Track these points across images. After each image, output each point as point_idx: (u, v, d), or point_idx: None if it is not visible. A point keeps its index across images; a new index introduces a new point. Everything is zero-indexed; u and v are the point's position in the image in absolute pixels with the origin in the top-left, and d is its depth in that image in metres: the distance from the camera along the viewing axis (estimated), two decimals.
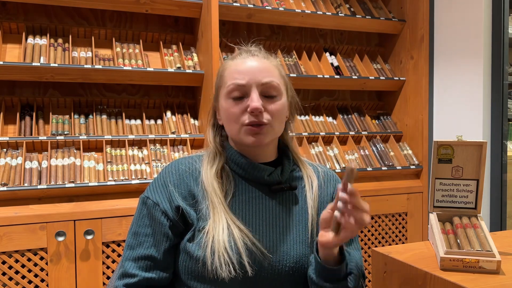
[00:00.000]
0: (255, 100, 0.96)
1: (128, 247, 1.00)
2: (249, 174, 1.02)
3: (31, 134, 2.05)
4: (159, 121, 2.35)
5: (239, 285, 0.93)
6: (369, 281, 2.47)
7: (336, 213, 0.84)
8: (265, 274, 0.95)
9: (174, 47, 2.41)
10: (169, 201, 0.99)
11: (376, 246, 2.35)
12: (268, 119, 0.98)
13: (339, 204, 0.84)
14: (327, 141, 2.60)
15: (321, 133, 2.55)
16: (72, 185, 1.92)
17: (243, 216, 0.99)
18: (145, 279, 0.97)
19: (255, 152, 1.03)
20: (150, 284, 0.97)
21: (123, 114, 2.27)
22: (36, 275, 1.86)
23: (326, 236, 0.88)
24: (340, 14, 2.59)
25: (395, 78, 2.76)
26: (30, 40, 2.13)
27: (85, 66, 2.08)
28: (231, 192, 1.00)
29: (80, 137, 2.08)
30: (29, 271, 1.86)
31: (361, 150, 2.62)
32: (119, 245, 1.99)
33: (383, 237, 2.55)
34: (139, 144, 2.22)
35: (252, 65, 1.00)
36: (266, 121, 0.98)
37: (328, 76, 2.55)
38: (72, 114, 2.19)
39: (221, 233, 0.93)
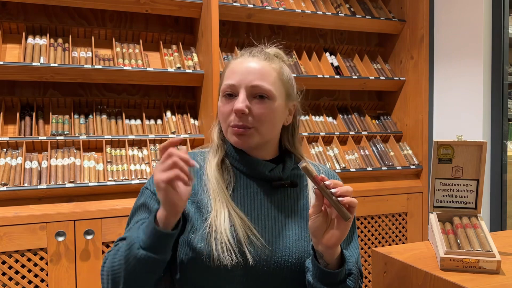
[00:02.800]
0: (240, 101, 0.97)
1: (124, 234, 1.00)
2: (250, 170, 1.03)
3: (31, 134, 2.05)
4: (159, 121, 2.35)
5: (241, 278, 0.94)
6: (369, 281, 2.47)
7: (340, 198, 0.85)
8: (267, 269, 0.95)
9: (174, 47, 2.41)
10: None
11: (376, 246, 2.35)
12: (253, 122, 0.98)
13: (331, 191, 0.85)
14: (327, 141, 2.60)
15: (321, 133, 2.55)
16: (72, 185, 1.92)
17: (244, 211, 1.00)
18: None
19: (253, 150, 1.04)
20: None
21: (123, 114, 2.27)
22: (36, 275, 1.86)
23: (332, 236, 0.88)
24: (340, 14, 2.59)
25: (395, 78, 2.76)
26: (30, 40, 2.13)
27: (85, 66, 2.08)
28: (231, 186, 1.01)
29: (80, 137, 2.08)
30: (29, 271, 1.85)
31: (361, 150, 2.62)
32: None
33: (383, 237, 2.55)
34: (139, 144, 2.22)
35: (247, 66, 1.00)
36: (249, 124, 0.98)
37: (328, 76, 2.55)
38: (72, 114, 2.19)
39: (223, 222, 0.94)
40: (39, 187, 1.87)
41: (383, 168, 2.55)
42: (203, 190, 1.00)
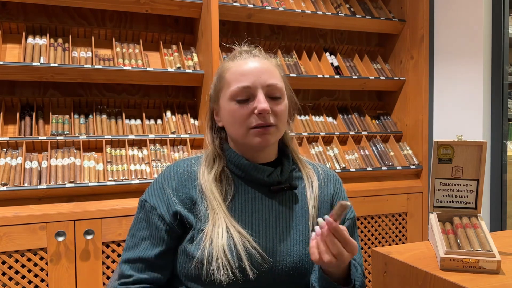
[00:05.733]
0: (262, 101, 0.96)
1: (126, 249, 1.01)
2: (249, 176, 1.02)
3: (31, 134, 2.05)
4: (159, 121, 2.35)
5: (238, 287, 0.93)
6: (369, 281, 2.47)
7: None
8: (265, 275, 0.95)
9: (174, 47, 2.41)
10: (166, 205, 0.98)
11: (376, 246, 2.35)
12: (274, 120, 0.99)
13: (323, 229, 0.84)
14: (327, 141, 2.60)
15: (321, 133, 2.55)
16: (72, 185, 1.91)
17: (243, 218, 0.99)
18: (140, 280, 0.98)
19: (256, 153, 1.03)
20: (146, 283, 0.98)
21: (123, 114, 2.27)
22: (36, 275, 1.86)
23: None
24: (340, 14, 2.59)
25: (395, 78, 2.76)
26: (30, 40, 2.13)
27: (85, 66, 2.08)
28: (231, 194, 1.00)
29: (80, 137, 2.08)
30: (29, 271, 1.85)
31: (361, 150, 2.62)
32: (119, 245, 1.98)
33: (383, 237, 2.55)
34: (139, 144, 2.22)
35: (255, 66, 0.99)
36: (273, 122, 0.98)
37: (328, 76, 2.55)
38: (72, 114, 2.19)
39: (220, 237, 0.92)
40: (39, 187, 1.87)
41: (383, 168, 2.55)
42: (202, 199, 0.99)
